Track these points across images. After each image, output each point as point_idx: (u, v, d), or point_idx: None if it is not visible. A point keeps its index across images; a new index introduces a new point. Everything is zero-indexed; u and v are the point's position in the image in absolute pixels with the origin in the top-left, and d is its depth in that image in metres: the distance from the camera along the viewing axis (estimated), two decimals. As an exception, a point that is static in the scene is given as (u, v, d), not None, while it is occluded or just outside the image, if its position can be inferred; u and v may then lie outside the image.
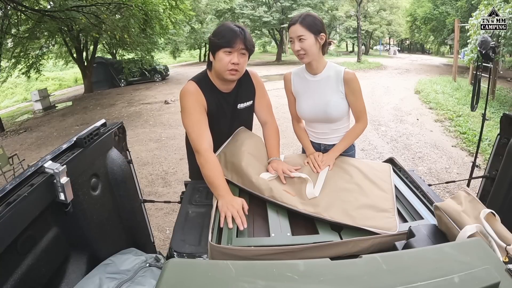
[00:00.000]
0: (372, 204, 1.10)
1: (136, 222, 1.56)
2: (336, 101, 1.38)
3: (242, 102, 1.41)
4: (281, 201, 1.12)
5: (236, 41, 1.21)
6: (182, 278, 0.57)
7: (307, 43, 1.29)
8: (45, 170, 1.02)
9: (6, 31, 7.94)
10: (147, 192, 3.34)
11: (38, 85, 14.46)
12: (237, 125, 1.44)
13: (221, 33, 1.23)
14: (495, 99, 6.74)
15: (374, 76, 11.89)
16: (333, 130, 1.48)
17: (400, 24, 24.29)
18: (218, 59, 1.24)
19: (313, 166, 1.32)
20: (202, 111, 1.29)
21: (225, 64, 1.23)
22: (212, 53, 1.27)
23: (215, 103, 1.34)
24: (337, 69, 1.38)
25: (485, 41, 2.19)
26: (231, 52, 1.22)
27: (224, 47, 1.22)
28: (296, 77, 1.47)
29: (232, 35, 1.21)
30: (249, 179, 1.20)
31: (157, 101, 9.01)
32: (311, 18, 1.30)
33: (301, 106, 1.46)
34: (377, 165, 1.38)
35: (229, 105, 1.39)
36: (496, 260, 0.62)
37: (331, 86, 1.38)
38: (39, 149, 5.75)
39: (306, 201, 1.12)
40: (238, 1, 19.10)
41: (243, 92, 1.41)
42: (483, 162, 3.47)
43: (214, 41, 1.24)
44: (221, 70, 1.25)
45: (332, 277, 0.58)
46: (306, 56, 1.32)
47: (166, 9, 8.96)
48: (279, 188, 1.18)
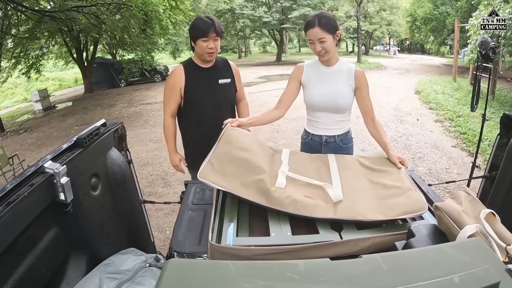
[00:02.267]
0: (392, 194, 1.12)
1: (136, 222, 1.56)
2: (346, 92, 1.48)
3: (222, 78, 1.73)
4: (313, 216, 1.03)
5: (209, 31, 1.57)
6: (182, 278, 0.57)
7: (328, 43, 1.40)
8: (45, 170, 1.02)
9: (6, 31, 7.95)
10: (147, 193, 3.34)
11: (38, 85, 14.44)
12: (217, 99, 1.72)
13: (197, 26, 1.59)
14: (495, 99, 6.75)
15: (374, 76, 11.89)
16: (336, 122, 1.54)
17: (400, 24, 24.29)
18: (198, 46, 1.61)
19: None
20: (177, 88, 1.68)
21: (203, 49, 1.60)
22: (193, 41, 1.63)
23: (196, 76, 1.69)
24: (349, 65, 1.50)
25: (485, 41, 2.19)
26: (207, 40, 1.58)
27: (201, 37, 1.58)
28: (309, 67, 1.54)
29: (206, 26, 1.57)
30: (265, 193, 1.05)
31: (157, 102, 9.01)
32: (326, 19, 1.39)
33: (312, 93, 1.51)
34: (375, 154, 1.45)
35: (210, 79, 1.71)
36: (496, 260, 0.62)
37: (342, 79, 1.48)
38: (39, 149, 5.75)
39: (330, 205, 1.07)
40: (238, 2, 19.10)
41: (222, 71, 1.75)
42: (483, 162, 3.47)
43: (193, 33, 1.61)
44: (201, 53, 1.63)
45: (332, 277, 0.58)
46: (327, 55, 1.43)
47: (166, 9, 8.95)
48: (299, 195, 1.07)
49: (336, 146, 1.57)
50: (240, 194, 1.05)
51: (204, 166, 1.11)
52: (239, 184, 1.07)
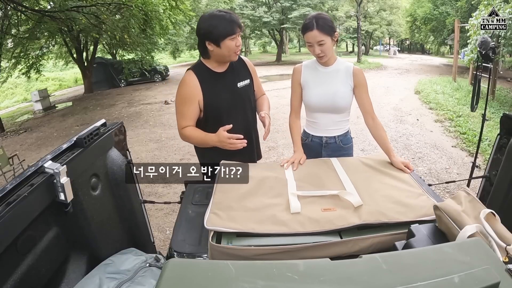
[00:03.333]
0: (406, 195, 1.12)
1: (136, 222, 1.56)
2: (344, 92, 1.47)
3: (240, 80, 1.54)
4: (338, 227, 0.99)
5: (235, 27, 1.37)
6: (182, 278, 0.57)
7: (327, 46, 1.39)
8: (45, 170, 1.02)
9: (6, 31, 7.96)
10: (147, 192, 3.34)
11: (38, 85, 14.44)
12: (240, 104, 1.54)
13: (221, 24, 1.35)
14: (495, 99, 6.74)
15: (374, 76, 11.89)
16: (335, 123, 1.54)
17: (400, 24, 24.27)
18: (226, 46, 1.37)
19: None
20: (193, 102, 1.45)
21: (233, 48, 1.39)
22: (216, 43, 1.37)
23: (212, 83, 1.47)
24: (347, 64, 1.49)
25: (485, 41, 2.19)
26: (235, 37, 1.38)
27: (229, 35, 1.36)
28: (307, 68, 1.53)
29: (231, 23, 1.36)
30: (284, 224, 0.99)
31: (157, 101, 9.01)
32: (324, 21, 1.36)
33: (310, 94, 1.50)
34: (377, 157, 1.44)
35: (227, 84, 1.50)
36: (496, 260, 0.62)
37: (340, 78, 1.47)
38: (39, 149, 5.75)
39: (351, 210, 1.04)
40: (238, 1, 19.10)
41: (239, 72, 1.55)
42: (483, 162, 3.47)
43: (217, 32, 1.35)
44: (229, 54, 1.41)
45: (332, 277, 0.58)
46: (325, 56, 1.42)
47: (166, 9, 8.96)
48: (318, 211, 1.03)
49: (336, 147, 1.57)
50: (258, 231, 0.97)
51: (209, 217, 1.02)
52: (253, 223, 1.00)
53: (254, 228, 0.97)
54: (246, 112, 1.57)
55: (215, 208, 1.07)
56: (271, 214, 1.03)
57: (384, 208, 1.04)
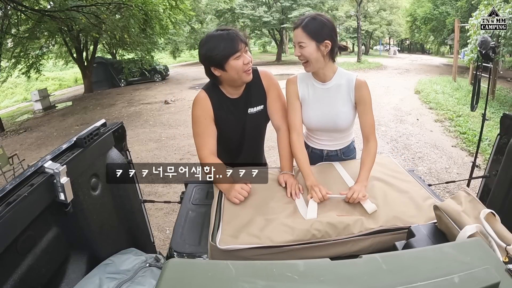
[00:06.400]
0: (414, 197, 1.12)
1: (136, 222, 1.56)
2: (347, 112, 1.29)
3: (252, 106, 1.38)
4: (355, 234, 0.98)
5: (237, 43, 1.20)
6: (182, 278, 0.57)
7: (307, 50, 1.19)
8: (45, 170, 1.02)
9: (6, 31, 7.94)
10: (147, 192, 3.34)
11: (38, 85, 14.44)
12: (249, 130, 1.41)
13: (219, 45, 1.20)
14: (495, 99, 6.74)
15: (374, 76, 11.89)
16: (337, 138, 1.42)
17: (400, 24, 24.27)
18: (232, 68, 1.22)
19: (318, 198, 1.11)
20: (208, 121, 1.31)
21: (240, 68, 1.22)
22: (220, 67, 1.23)
23: (224, 110, 1.34)
24: (349, 77, 1.27)
25: (485, 41, 2.19)
26: (239, 55, 1.21)
27: (232, 55, 1.20)
28: (303, 83, 1.33)
29: (231, 41, 1.20)
30: (301, 233, 0.96)
31: (157, 101, 9.01)
32: (315, 24, 1.17)
33: (308, 115, 1.33)
34: (380, 159, 1.40)
35: (239, 111, 1.37)
36: (496, 260, 0.62)
37: (342, 96, 1.28)
38: (39, 149, 5.75)
39: (366, 216, 1.03)
40: (238, 1, 19.08)
41: (253, 97, 1.38)
42: (483, 162, 3.47)
43: (218, 55, 1.20)
44: (239, 75, 1.24)
45: (332, 277, 0.58)
46: (308, 65, 1.23)
47: (166, 9, 8.96)
48: (333, 217, 1.02)
49: (338, 159, 1.46)
50: (277, 244, 0.93)
51: (221, 237, 0.96)
52: (269, 234, 0.96)
53: (271, 241, 0.93)
54: (247, 137, 1.44)
55: (226, 225, 1.01)
56: (285, 222, 1.00)
57: (399, 213, 1.03)
